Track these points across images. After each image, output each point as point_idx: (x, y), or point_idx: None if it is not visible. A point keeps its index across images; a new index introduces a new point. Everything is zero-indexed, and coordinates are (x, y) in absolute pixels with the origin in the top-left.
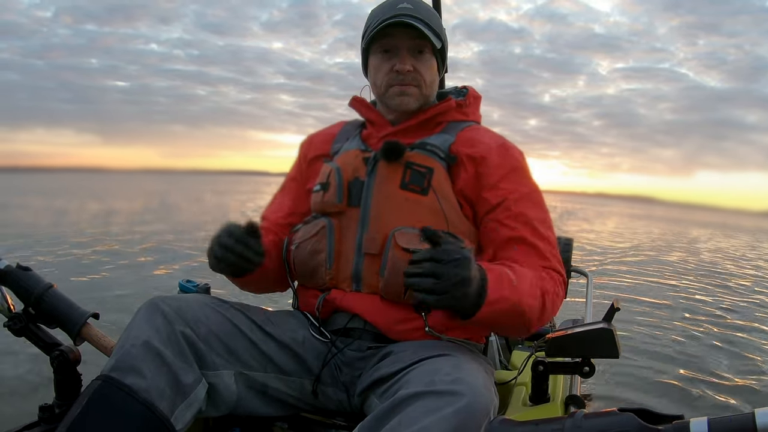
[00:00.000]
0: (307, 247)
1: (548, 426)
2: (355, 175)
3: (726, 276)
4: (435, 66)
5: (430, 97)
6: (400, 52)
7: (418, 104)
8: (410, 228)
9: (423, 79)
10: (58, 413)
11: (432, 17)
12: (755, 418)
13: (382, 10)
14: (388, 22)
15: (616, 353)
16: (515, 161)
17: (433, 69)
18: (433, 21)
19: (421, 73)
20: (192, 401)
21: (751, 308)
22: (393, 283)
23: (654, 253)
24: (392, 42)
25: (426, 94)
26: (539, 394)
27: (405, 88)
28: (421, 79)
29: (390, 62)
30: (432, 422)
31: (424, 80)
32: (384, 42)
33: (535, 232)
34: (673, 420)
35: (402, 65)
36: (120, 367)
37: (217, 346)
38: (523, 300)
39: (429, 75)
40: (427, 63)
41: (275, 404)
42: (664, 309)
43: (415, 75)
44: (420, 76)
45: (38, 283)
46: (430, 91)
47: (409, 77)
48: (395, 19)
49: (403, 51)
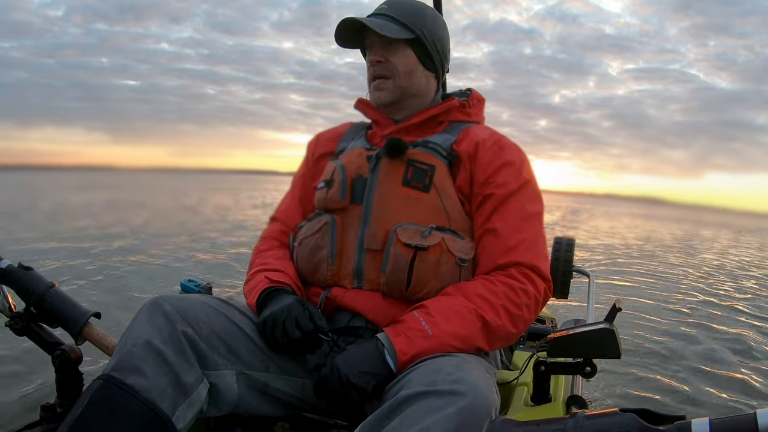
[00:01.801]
0: (310, 243)
1: (550, 426)
2: (358, 173)
3: (729, 276)
4: (411, 56)
5: (411, 89)
6: (373, 46)
7: (393, 97)
8: (412, 224)
9: (396, 69)
10: (59, 413)
11: (405, 12)
12: (757, 418)
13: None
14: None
15: (617, 353)
16: (508, 157)
17: (408, 59)
18: (406, 15)
19: (392, 63)
20: (193, 401)
21: (755, 308)
22: (394, 279)
23: (659, 253)
24: (370, 39)
25: (402, 85)
26: (541, 394)
27: (379, 83)
28: (394, 69)
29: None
30: (433, 422)
31: (398, 70)
32: (367, 41)
33: (509, 226)
34: (675, 420)
35: (372, 56)
36: (121, 366)
37: (219, 345)
38: (447, 338)
39: (403, 66)
40: (400, 53)
41: (276, 404)
42: (664, 309)
43: (386, 65)
44: (392, 66)
45: (39, 283)
46: (408, 83)
47: (380, 68)
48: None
49: (376, 45)
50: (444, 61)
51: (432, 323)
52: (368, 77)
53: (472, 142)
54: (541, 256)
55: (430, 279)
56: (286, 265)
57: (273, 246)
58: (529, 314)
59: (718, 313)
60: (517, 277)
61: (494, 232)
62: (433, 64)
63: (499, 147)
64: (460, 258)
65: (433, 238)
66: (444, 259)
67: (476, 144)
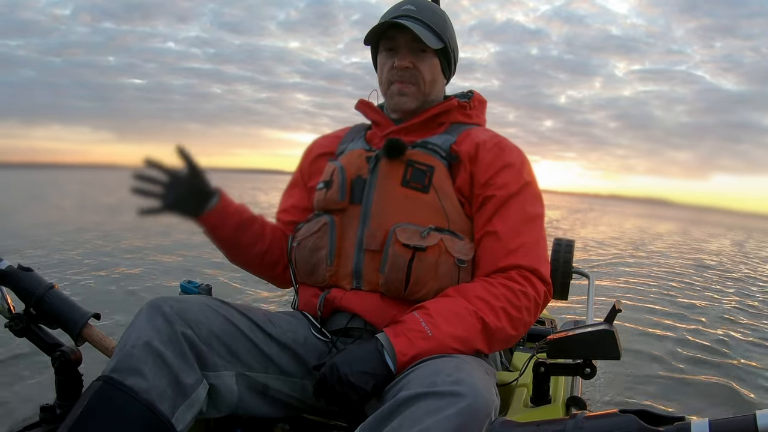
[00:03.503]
0: (309, 244)
1: (549, 427)
2: (357, 174)
3: (729, 276)
4: (437, 66)
5: (431, 96)
6: (401, 49)
7: (417, 104)
8: (411, 224)
9: (422, 77)
10: (59, 414)
11: (435, 19)
12: (756, 419)
13: (388, 11)
14: (388, 24)
15: (617, 354)
16: (509, 159)
17: (434, 68)
18: (437, 22)
19: (420, 71)
20: (193, 402)
21: (755, 308)
22: (393, 279)
23: (659, 253)
24: (397, 41)
25: (425, 92)
26: (540, 396)
27: (403, 87)
28: (420, 76)
29: (392, 59)
30: (433, 423)
31: (424, 78)
32: (388, 41)
33: (510, 228)
34: (675, 421)
35: (401, 61)
36: (121, 368)
37: (218, 347)
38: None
39: (429, 74)
40: (428, 62)
41: (276, 405)
42: (664, 309)
43: (414, 72)
44: (419, 73)
45: (39, 284)
46: (431, 90)
47: (408, 74)
48: (395, 20)
49: (404, 49)
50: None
51: (432, 324)
52: (385, 78)
53: (472, 144)
54: (542, 259)
55: (428, 279)
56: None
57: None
58: (528, 317)
59: (719, 312)
60: (517, 279)
61: (495, 235)
62: (449, 73)
63: (500, 148)
64: (459, 259)
65: (431, 238)
66: (443, 260)
67: (477, 145)
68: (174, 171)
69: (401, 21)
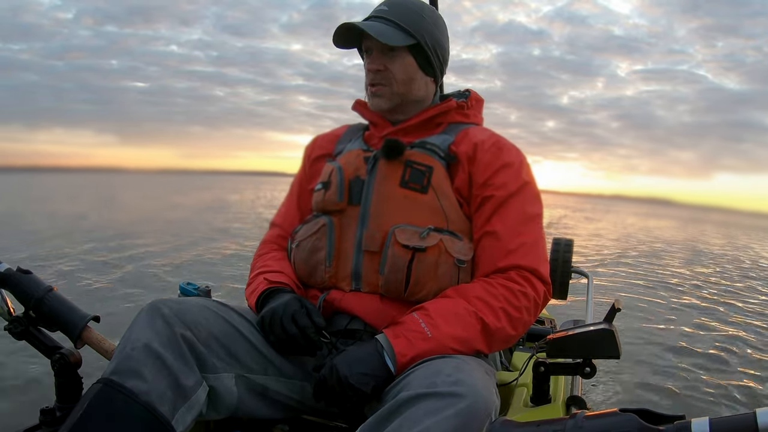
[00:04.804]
0: (307, 245)
1: (549, 427)
2: (356, 174)
3: (729, 276)
4: (411, 64)
5: (410, 94)
6: (372, 52)
7: (391, 104)
8: (410, 225)
9: (394, 77)
10: (59, 416)
11: (406, 16)
12: (756, 417)
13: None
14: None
15: (617, 354)
16: (508, 159)
17: (407, 67)
18: (407, 19)
19: (392, 72)
20: (193, 404)
21: (753, 308)
22: (392, 280)
23: (660, 254)
24: (368, 43)
25: (400, 92)
26: (540, 395)
27: (376, 89)
28: (392, 77)
29: (368, 63)
30: (433, 424)
31: (396, 78)
32: (365, 44)
33: (509, 228)
34: (675, 420)
35: (371, 65)
36: (120, 370)
37: (218, 348)
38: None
39: (402, 73)
40: (399, 61)
41: (276, 407)
42: (664, 309)
43: (385, 74)
44: (391, 74)
45: (38, 286)
46: (407, 89)
47: (379, 76)
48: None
49: (375, 51)
50: (443, 64)
51: (431, 325)
52: (366, 81)
53: (470, 143)
54: (541, 258)
55: (428, 280)
56: (284, 266)
57: (272, 249)
58: (528, 317)
59: (719, 313)
60: (516, 279)
61: (494, 235)
62: (432, 69)
63: (498, 148)
64: (459, 259)
65: (431, 239)
66: (442, 260)
67: (475, 145)
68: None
69: (359, 24)
